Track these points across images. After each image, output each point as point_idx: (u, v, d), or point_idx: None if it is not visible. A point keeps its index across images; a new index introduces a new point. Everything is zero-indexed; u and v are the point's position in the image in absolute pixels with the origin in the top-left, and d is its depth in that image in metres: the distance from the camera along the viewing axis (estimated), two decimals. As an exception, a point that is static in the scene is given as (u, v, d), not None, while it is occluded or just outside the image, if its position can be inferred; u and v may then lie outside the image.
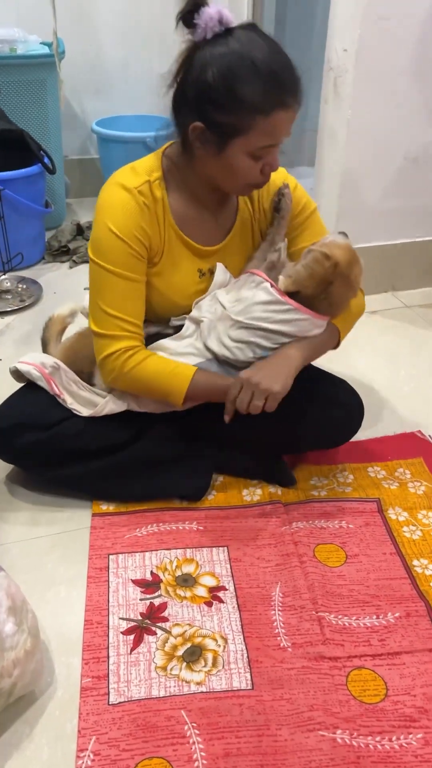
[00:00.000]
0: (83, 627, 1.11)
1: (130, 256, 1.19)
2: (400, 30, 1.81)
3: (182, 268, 1.27)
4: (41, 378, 1.31)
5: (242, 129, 1.09)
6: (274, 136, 1.11)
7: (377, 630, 1.12)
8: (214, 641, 1.09)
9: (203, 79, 1.07)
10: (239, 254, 1.33)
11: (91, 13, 2.70)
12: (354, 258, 1.24)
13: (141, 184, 1.19)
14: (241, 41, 1.06)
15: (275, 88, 1.06)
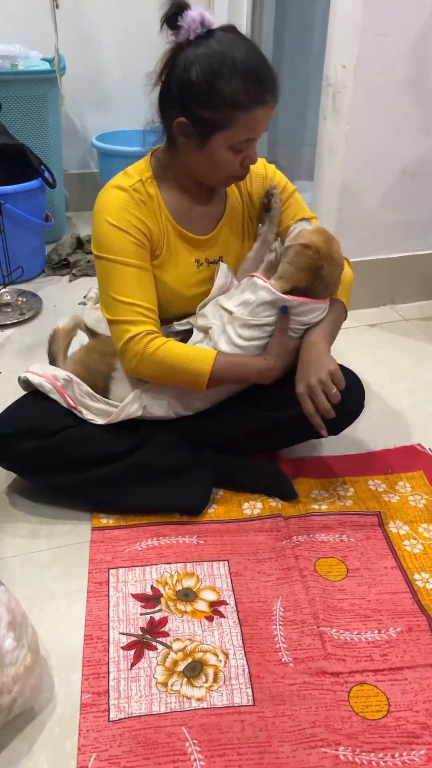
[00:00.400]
0: (83, 642, 1.10)
1: (132, 244, 1.24)
2: (398, 46, 1.83)
3: (181, 259, 1.31)
4: (54, 391, 1.32)
5: (224, 124, 1.15)
6: (253, 130, 1.18)
7: (379, 645, 1.11)
8: (215, 656, 1.09)
9: (187, 78, 1.13)
10: (232, 240, 1.37)
11: (91, 29, 2.73)
12: (329, 236, 1.29)
13: (134, 183, 1.25)
14: (222, 42, 1.13)
15: (254, 85, 1.13)
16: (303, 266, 1.25)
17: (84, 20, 2.70)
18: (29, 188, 2.25)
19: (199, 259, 1.33)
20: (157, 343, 1.24)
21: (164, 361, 1.24)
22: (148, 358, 1.24)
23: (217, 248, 1.35)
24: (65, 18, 2.50)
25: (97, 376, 1.36)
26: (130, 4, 2.73)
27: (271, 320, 1.27)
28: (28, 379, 1.33)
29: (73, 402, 1.32)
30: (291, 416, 1.31)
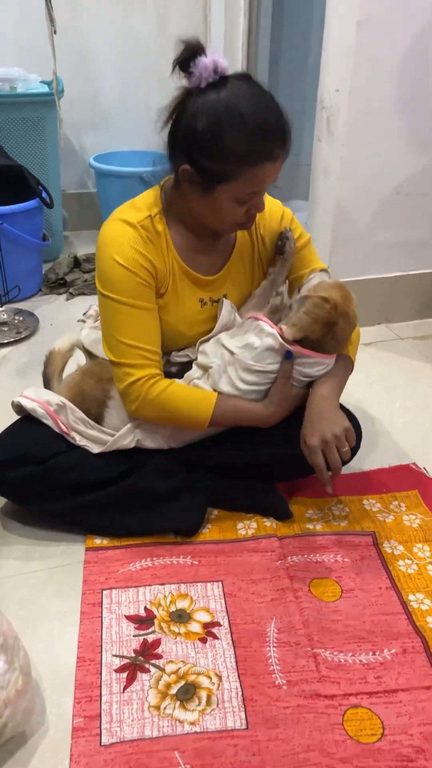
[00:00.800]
0: (76, 664, 1.10)
1: (138, 285, 1.21)
2: (390, 70, 1.86)
3: (185, 298, 1.30)
4: (46, 416, 1.31)
5: (228, 177, 1.12)
6: (260, 183, 1.15)
7: (373, 667, 1.11)
8: (209, 679, 1.08)
9: (193, 127, 1.10)
10: (239, 282, 1.35)
11: (89, 53, 2.78)
12: (348, 294, 1.29)
13: (143, 219, 1.22)
14: (232, 92, 1.09)
15: (261, 141, 1.09)
16: (319, 318, 1.24)
17: (82, 44, 2.74)
18: (27, 208, 2.27)
19: (203, 298, 1.32)
20: (159, 388, 1.23)
21: (165, 406, 1.25)
22: (150, 402, 1.24)
23: (222, 288, 1.34)
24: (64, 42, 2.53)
25: (92, 403, 1.35)
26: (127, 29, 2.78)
27: (275, 368, 1.27)
28: (21, 403, 1.33)
29: (65, 428, 1.31)
30: (290, 456, 1.31)
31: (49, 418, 1.31)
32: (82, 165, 2.96)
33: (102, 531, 1.35)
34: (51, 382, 1.43)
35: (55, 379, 1.43)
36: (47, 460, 1.28)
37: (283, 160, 1.14)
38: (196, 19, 2.83)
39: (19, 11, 2.58)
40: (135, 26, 2.78)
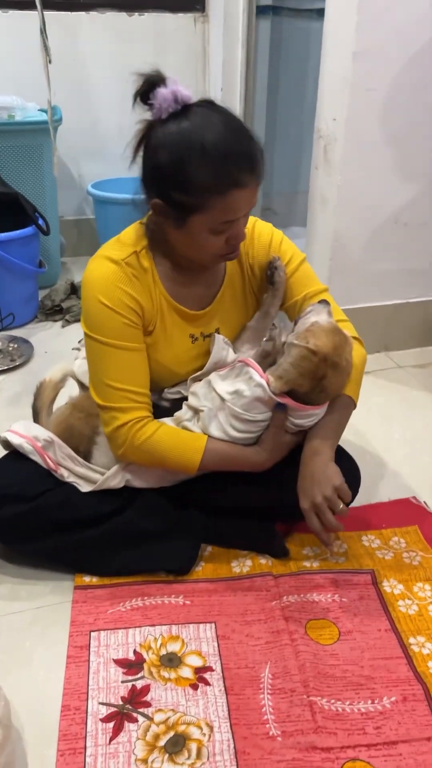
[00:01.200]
0: (60, 713, 1.04)
1: (124, 326, 1.17)
2: (388, 100, 1.85)
3: (175, 335, 1.26)
4: (34, 452, 1.28)
5: (198, 208, 1.08)
6: (233, 212, 1.09)
7: (372, 716, 1.06)
8: (199, 729, 1.03)
9: (156, 161, 1.07)
10: (232, 315, 1.32)
11: (87, 81, 2.79)
12: (341, 340, 1.18)
13: (128, 256, 1.18)
14: (194, 121, 1.05)
15: (226, 169, 1.04)
16: (305, 372, 1.16)
17: (80, 73, 2.76)
18: (23, 235, 2.26)
19: (194, 333, 1.28)
20: (147, 433, 1.20)
21: (153, 452, 1.21)
22: (137, 448, 1.20)
23: (213, 322, 1.30)
24: (62, 71, 2.55)
25: (81, 439, 1.32)
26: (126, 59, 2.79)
27: (265, 417, 1.22)
28: (7, 439, 1.30)
29: (53, 464, 1.28)
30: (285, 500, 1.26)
31: (36, 454, 1.27)
32: (80, 192, 2.96)
33: (91, 570, 1.30)
34: (40, 415, 1.39)
35: (44, 411, 1.39)
36: (35, 498, 1.24)
37: (255, 186, 1.08)
38: (194, 50, 2.85)
39: (19, 40, 2.60)
40: (133, 56, 2.80)
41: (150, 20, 2.77)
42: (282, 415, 1.22)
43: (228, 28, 2.70)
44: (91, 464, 1.31)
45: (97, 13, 2.70)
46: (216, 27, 2.79)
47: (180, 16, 2.80)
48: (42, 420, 1.38)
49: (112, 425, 1.20)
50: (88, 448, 1.31)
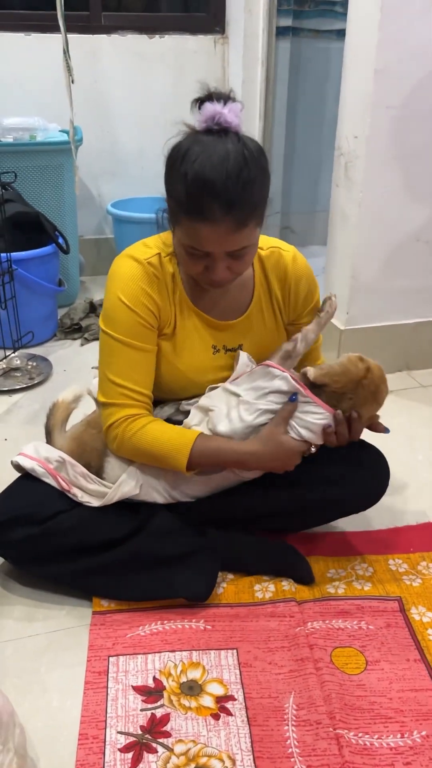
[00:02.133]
0: (77, 741, 1.01)
1: (139, 325, 1.19)
2: (409, 117, 1.84)
3: (195, 342, 1.25)
4: (46, 474, 1.26)
5: (176, 220, 1.11)
6: (197, 242, 1.08)
7: (402, 752, 1.01)
8: (221, 762, 0.98)
9: (167, 162, 1.10)
10: (258, 333, 1.30)
11: (108, 103, 2.82)
12: (384, 376, 1.26)
13: (151, 257, 1.20)
14: (208, 143, 1.05)
15: (197, 197, 1.03)
16: (348, 372, 1.21)
17: (101, 94, 2.79)
18: (43, 254, 2.27)
19: (216, 345, 1.26)
20: (138, 426, 1.19)
21: (142, 444, 1.19)
22: (128, 441, 1.19)
23: (239, 336, 1.28)
24: (83, 92, 2.58)
25: (93, 454, 1.29)
26: (146, 80, 2.83)
27: (277, 408, 1.20)
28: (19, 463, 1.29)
29: (66, 485, 1.25)
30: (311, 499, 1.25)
31: (49, 476, 1.26)
32: (100, 211, 2.97)
33: (107, 595, 1.27)
34: (52, 434, 1.38)
35: (57, 431, 1.37)
36: (47, 520, 1.21)
37: (231, 229, 1.05)
38: (214, 70, 2.87)
39: (41, 63, 2.64)
40: (154, 78, 2.83)
41: (170, 42, 2.80)
42: (291, 407, 1.20)
43: (248, 50, 2.72)
44: (104, 480, 1.28)
45: (118, 35, 2.74)
46: (236, 48, 2.81)
47: (200, 37, 2.83)
48: (54, 439, 1.36)
49: (108, 422, 1.21)
50: (99, 464, 1.29)
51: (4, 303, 2.10)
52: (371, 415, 1.26)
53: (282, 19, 2.76)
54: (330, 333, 2.13)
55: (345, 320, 2.08)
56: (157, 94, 2.84)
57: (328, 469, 1.28)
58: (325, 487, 1.28)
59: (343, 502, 1.33)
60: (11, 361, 2.15)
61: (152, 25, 2.78)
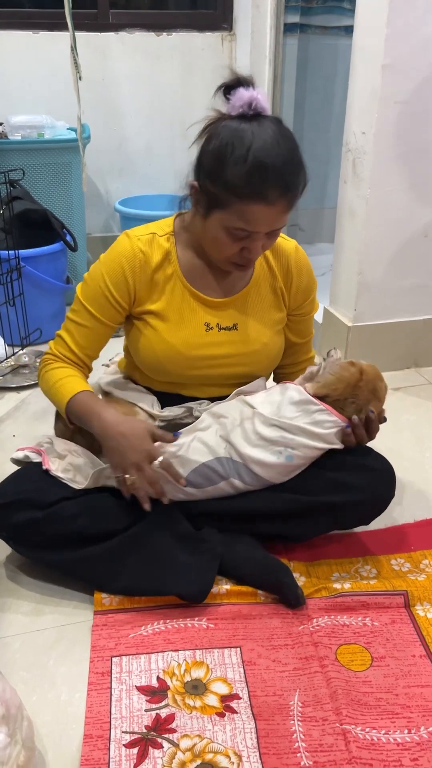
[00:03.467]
0: (82, 741, 1.01)
1: (103, 296, 1.26)
2: (417, 112, 1.83)
3: (187, 318, 1.28)
4: (38, 456, 1.32)
5: (221, 204, 1.13)
6: (249, 223, 1.13)
7: (409, 747, 1.00)
8: (227, 758, 0.98)
9: (206, 146, 1.14)
10: (252, 317, 1.32)
11: (116, 101, 2.82)
12: (378, 373, 1.30)
13: (144, 234, 1.27)
14: (254, 127, 1.10)
15: (257, 178, 1.08)
16: (343, 378, 1.26)
17: (108, 92, 2.79)
18: (50, 251, 2.28)
19: (209, 322, 1.29)
20: (48, 367, 1.31)
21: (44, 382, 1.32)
22: (40, 377, 1.34)
23: (233, 315, 1.31)
24: (91, 90, 2.59)
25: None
26: (154, 78, 2.83)
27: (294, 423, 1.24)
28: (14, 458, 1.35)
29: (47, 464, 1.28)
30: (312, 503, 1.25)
31: (39, 456, 1.31)
32: (107, 209, 2.98)
33: (101, 585, 1.27)
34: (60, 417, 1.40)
35: None
36: (52, 505, 1.23)
37: (282, 209, 1.12)
38: (221, 67, 2.87)
39: (48, 61, 2.65)
40: (161, 75, 2.83)
41: (178, 39, 2.79)
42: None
43: (255, 46, 2.72)
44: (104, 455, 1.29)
45: (125, 33, 2.74)
46: (243, 45, 2.80)
47: (207, 35, 2.82)
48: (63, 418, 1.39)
49: (40, 365, 1.34)
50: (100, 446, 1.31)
51: (13, 300, 2.11)
52: (378, 412, 1.29)
53: (290, 16, 2.75)
54: (338, 330, 2.12)
55: (352, 317, 2.07)
56: (165, 91, 2.84)
57: (333, 475, 1.27)
58: (329, 493, 1.27)
59: (345, 509, 1.30)
60: (19, 358, 2.16)
61: (160, 23, 2.78)
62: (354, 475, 1.27)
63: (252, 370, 1.36)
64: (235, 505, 1.29)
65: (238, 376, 1.35)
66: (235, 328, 1.31)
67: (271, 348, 1.36)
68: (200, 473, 1.25)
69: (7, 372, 2.13)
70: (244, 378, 1.36)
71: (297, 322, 1.40)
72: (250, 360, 1.34)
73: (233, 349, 1.31)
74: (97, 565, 1.25)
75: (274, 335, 1.36)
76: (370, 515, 1.34)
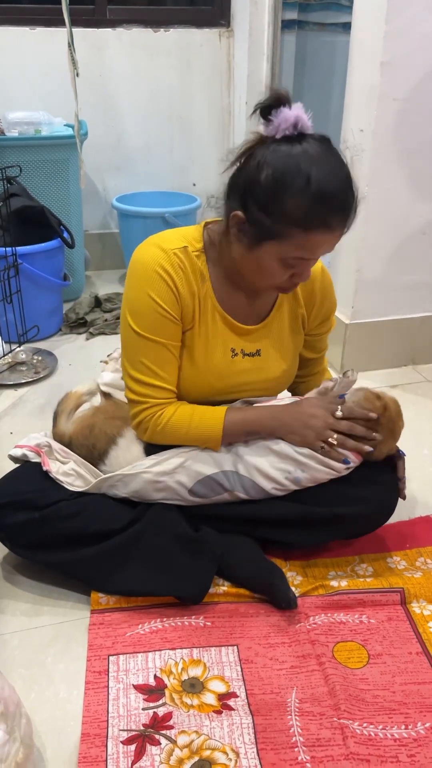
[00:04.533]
0: (80, 739, 1.01)
1: (164, 319, 1.17)
2: (415, 110, 1.83)
3: (215, 341, 1.24)
4: (36, 456, 1.31)
5: (278, 235, 1.07)
6: (309, 251, 1.09)
7: (406, 743, 1.01)
8: (224, 754, 0.99)
9: (256, 176, 1.05)
10: (279, 339, 1.30)
11: (114, 98, 2.81)
12: (399, 410, 1.30)
13: (178, 248, 1.18)
14: (306, 151, 1.03)
15: (321, 209, 1.03)
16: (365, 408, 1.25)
17: (106, 88, 2.78)
18: (48, 248, 2.27)
19: (234, 348, 1.26)
20: (164, 419, 1.21)
21: (172, 435, 1.23)
22: (160, 432, 1.22)
23: (257, 343, 1.28)
24: (89, 87, 2.58)
25: (100, 437, 1.32)
26: (151, 75, 2.81)
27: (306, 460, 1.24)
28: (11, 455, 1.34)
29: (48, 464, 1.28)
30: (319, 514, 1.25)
31: (38, 457, 1.31)
32: (105, 206, 2.97)
33: (102, 587, 1.26)
34: (59, 418, 1.41)
35: (64, 416, 1.41)
36: (48, 506, 1.23)
37: (341, 234, 1.09)
38: (219, 64, 2.86)
39: (46, 57, 2.63)
40: (159, 72, 2.82)
41: (175, 36, 2.78)
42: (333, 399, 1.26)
43: (253, 43, 2.71)
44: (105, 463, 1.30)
45: (123, 29, 2.73)
46: (241, 41, 2.80)
47: (205, 31, 2.81)
48: (60, 422, 1.40)
49: (137, 419, 1.23)
50: (105, 448, 1.31)
51: (10, 297, 2.11)
52: (390, 448, 1.29)
53: (287, 12, 2.75)
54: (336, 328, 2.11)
55: (351, 314, 2.07)
56: (163, 87, 2.83)
57: (339, 486, 1.26)
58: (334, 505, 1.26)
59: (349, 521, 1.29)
60: (17, 355, 2.16)
61: (157, 19, 2.77)
62: (360, 488, 1.26)
63: (269, 394, 1.35)
64: (237, 510, 1.28)
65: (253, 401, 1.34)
66: (258, 354, 1.28)
67: (291, 374, 1.36)
68: (205, 484, 1.25)
69: (5, 369, 2.13)
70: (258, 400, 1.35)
71: (314, 341, 1.39)
72: (270, 386, 1.33)
73: (256, 376, 1.29)
74: (94, 566, 1.25)
75: (293, 360, 1.34)
76: (372, 527, 1.35)
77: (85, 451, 1.33)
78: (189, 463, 1.24)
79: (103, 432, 1.32)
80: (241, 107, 2.88)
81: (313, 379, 1.44)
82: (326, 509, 1.25)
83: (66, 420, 1.40)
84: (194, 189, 2.97)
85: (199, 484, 1.25)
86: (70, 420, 1.40)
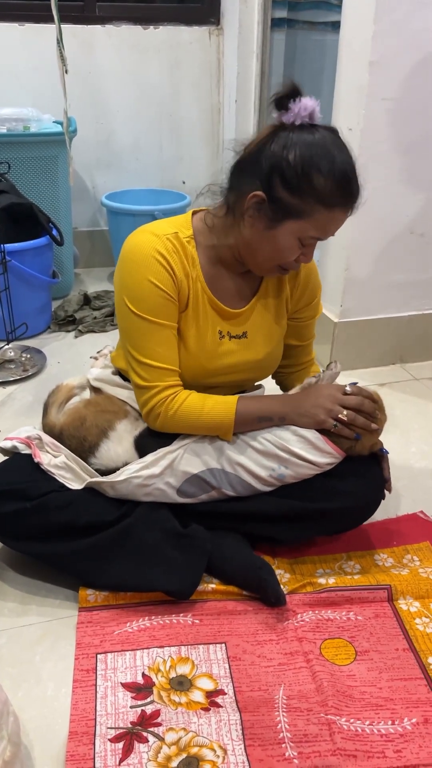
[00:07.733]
0: (68, 738, 1.01)
1: (165, 300, 1.20)
2: (404, 109, 1.84)
3: (203, 324, 1.27)
4: (27, 448, 1.31)
5: (301, 213, 1.12)
6: (325, 230, 1.16)
7: (392, 739, 1.02)
8: (212, 751, 0.99)
9: (282, 157, 1.10)
10: (266, 318, 1.32)
11: (103, 94, 2.80)
12: (381, 405, 1.31)
13: (170, 233, 1.21)
14: (326, 138, 1.12)
15: (344, 188, 1.12)
16: None
17: (95, 85, 2.77)
18: (37, 245, 2.26)
19: (222, 330, 1.28)
20: (176, 405, 1.22)
21: (184, 422, 1.23)
22: (170, 420, 1.23)
23: (244, 324, 1.30)
24: (78, 83, 2.57)
25: (91, 430, 1.32)
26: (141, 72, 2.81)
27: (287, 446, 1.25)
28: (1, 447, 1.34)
29: (39, 456, 1.29)
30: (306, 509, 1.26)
31: (28, 448, 1.31)
32: (94, 203, 2.96)
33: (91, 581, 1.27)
34: (49, 410, 1.41)
35: (54, 408, 1.41)
36: (39, 497, 1.23)
37: (347, 216, 1.17)
38: (208, 62, 2.86)
39: (35, 53, 2.62)
40: (148, 69, 2.81)
41: (165, 33, 2.78)
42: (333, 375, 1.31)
43: (242, 41, 2.71)
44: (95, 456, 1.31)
45: (112, 26, 2.72)
46: (230, 39, 2.80)
47: (195, 29, 2.81)
48: (50, 414, 1.40)
49: (148, 405, 1.23)
50: (96, 442, 1.31)
51: (-2, 295, 2.10)
52: (373, 443, 1.30)
53: (277, 11, 2.75)
54: (324, 326, 2.13)
55: (339, 313, 2.08)
56: (152, 85, 2.83)
57: (325, 481, 1.28)
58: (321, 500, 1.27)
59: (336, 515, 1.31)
60: (5, 352, 2.15)
61: (147, 16, 2.76)
62: (345, 482, 1.28)
63: (255, 377, 1.38)
64: (226, 506, 1.29)
65: (240, 383, 1.36)
66: (244, 336, 1.30)
67: (276, 356, 1.38)
68: (193, 483, 1.26)
69: (-7, 367, 2.12)
70: (245, 383, 1.38)
71: (299, 326, 1.40)
72: (255, 367, 1.34)
73: (242, 357, 1.31)
74: (84, 559, 1.25)
75: (278, 342, 1.37)
76: (357, 521, 1.36)
77: (75, 443, 1.33)
78: (176, 464, 1.25)
79: (95, 425, 1.32)
80: (231, 105, 2.88)
81: (301, 371, 1.46)
82: (314, 504, 1.26)
83: (57, 411, 1.41)
84: (183, 187, 2.96)
85: (186, 484, 1.26)
86: (60, 411, 1.41)
